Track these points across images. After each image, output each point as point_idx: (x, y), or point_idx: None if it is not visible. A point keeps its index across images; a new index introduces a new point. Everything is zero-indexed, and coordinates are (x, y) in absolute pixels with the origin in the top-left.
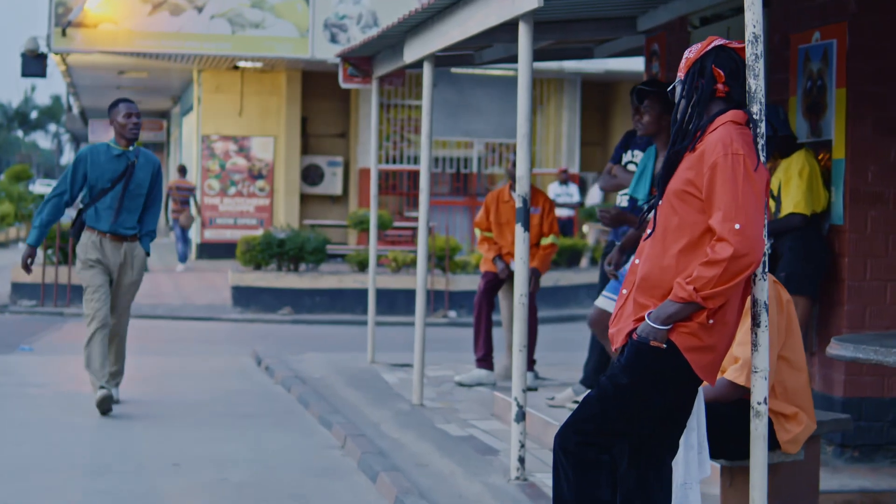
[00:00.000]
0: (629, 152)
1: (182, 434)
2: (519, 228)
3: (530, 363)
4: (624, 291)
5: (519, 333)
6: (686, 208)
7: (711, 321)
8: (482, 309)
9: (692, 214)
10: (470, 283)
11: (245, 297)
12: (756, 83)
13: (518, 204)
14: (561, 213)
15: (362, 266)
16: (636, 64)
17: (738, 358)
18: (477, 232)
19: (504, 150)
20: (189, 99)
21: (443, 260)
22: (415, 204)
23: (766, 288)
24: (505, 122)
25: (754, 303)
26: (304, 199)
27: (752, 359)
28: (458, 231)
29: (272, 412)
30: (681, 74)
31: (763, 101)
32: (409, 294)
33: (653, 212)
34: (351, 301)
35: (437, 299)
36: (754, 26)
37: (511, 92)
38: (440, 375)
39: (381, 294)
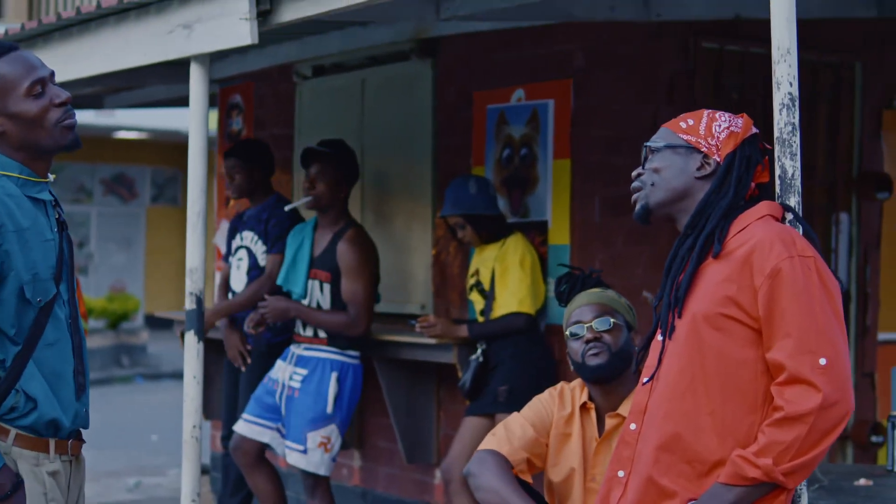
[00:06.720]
0: (238, 236)
1: None
2: (191, 338)
3: None
4: (620, 474)
5: (189, 479)
6: (725, 340)
7: None
8: None
9: (736, 348)
10: None
11: None
12: (793, 165)
13: (189, 305)
14: None
15: None
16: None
17: None
18: None
19: None
20: None
21: None
22: None
23: None
24: None
25: None
26: None
27: None
28: None
29: None
30: (707, 151)
31: (800, 188)
32: None
33: (649, 347)
34: None
35: None
36: (790, 84)
37: None
38: None
39: None
